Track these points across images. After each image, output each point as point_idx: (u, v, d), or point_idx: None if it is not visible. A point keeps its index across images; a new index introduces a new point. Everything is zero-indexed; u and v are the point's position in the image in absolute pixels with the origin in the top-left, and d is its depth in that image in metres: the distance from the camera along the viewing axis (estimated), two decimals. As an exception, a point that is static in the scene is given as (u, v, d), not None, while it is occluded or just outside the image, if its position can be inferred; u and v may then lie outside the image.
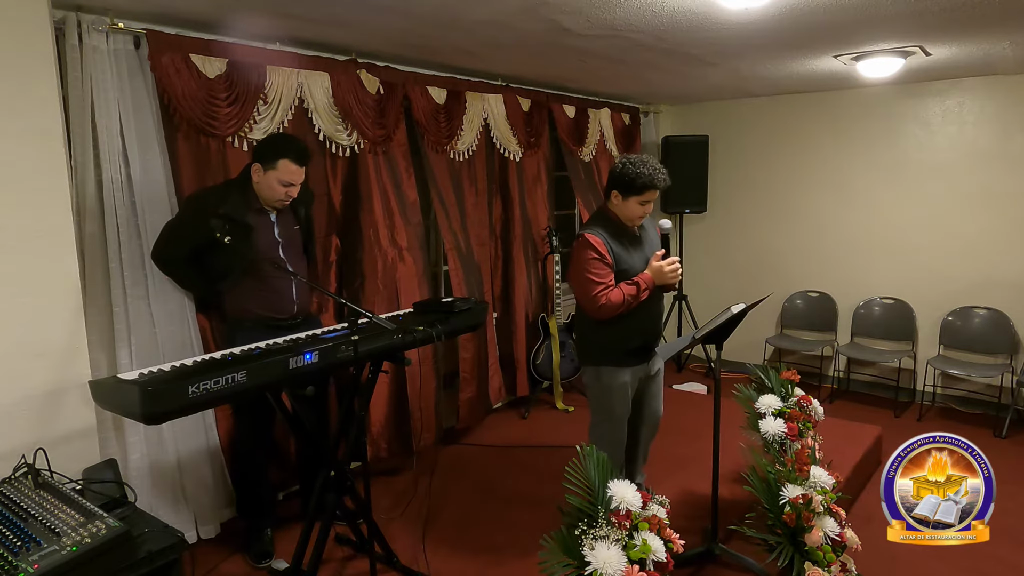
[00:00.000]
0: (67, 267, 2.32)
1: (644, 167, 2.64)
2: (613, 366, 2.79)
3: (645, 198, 2.69)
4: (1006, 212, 4.57)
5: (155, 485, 2.85)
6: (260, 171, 2.65)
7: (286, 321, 2.82)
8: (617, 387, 2.80)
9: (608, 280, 2.66)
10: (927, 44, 3.53)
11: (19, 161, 2.18)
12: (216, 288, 2.76)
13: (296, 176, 2.67)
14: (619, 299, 2.63)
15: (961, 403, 4.85)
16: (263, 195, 2.70)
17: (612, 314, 2.64)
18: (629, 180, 2.65)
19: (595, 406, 2.91)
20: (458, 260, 4.14)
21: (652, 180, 2.64)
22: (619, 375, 2.80)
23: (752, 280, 5.59)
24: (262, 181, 2.66)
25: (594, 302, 2.64)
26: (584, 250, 2.68)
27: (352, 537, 2.90)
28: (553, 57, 3.71)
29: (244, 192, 2.70)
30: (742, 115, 5.58)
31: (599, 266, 2.65)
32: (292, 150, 2.64)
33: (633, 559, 1.97)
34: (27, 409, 2.22)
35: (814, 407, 3.03)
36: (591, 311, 2.68)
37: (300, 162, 2.66)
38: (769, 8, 2.77)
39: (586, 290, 2.66)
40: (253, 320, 2.76)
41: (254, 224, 2.70)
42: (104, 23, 2.56)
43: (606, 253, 2.67)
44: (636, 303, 2.67)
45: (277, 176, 2.63)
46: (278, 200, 2.71)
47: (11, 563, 1.60)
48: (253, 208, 2.71)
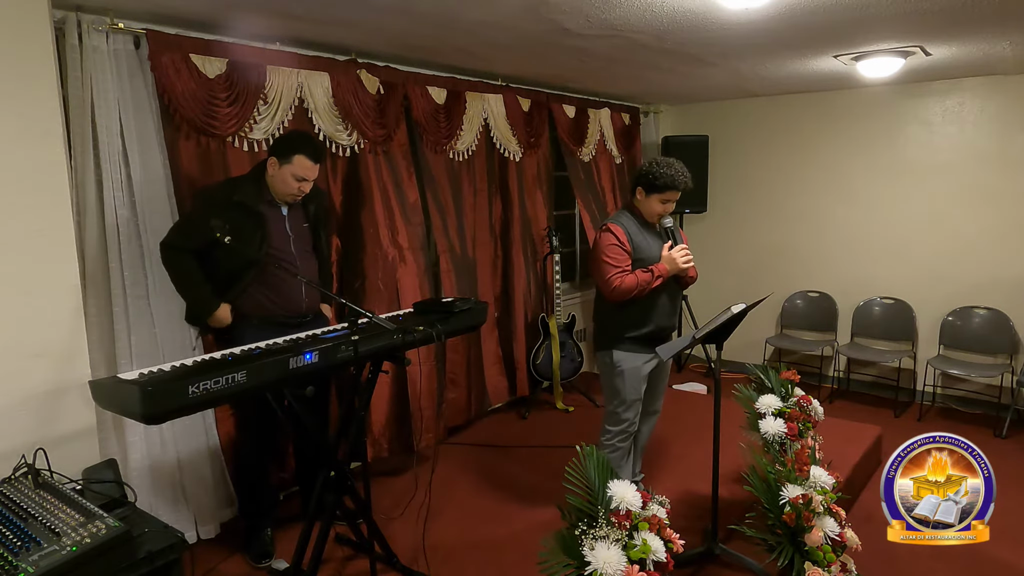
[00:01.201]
0: (67, 267, 2.32)
1: (668, 168, 2.82)
2: (625, 351, 2.93)
3: (666, 197, 2.86)
4: (1006, 212, 4.57)
5: (155, 485, 2.85)
6: (276, 165, 2.71)
7: (295, 319, 2.83)
8: (630, 371, 2.93)
9: (624, 265, 2.84)
10: (927, 44, 3.53)
11: (19, 161, 2.18)
12: (227, 284, 2.74)
13: (310, 172, 2.72)
14: (632, 282, 2.80)
15: (961, 403, 4.85)
16: (276, 188, 2.74)
17: (625, 296, 2.81)
18: (652, 179, 2.84)
19: (609, 391, 3.02)
20: (451, 262, 4.14)
21: (673, 181, 2.82)
22: (630, 359, 2.93)
23: (752, 280, 5.59)
24: (276, 175, 2.71)
25: (609, 284, 2.82)
26: (605, 236, 2.89)
27: (352, 537, 2.90)
28: (553, 57, 3.71)
29: (257, 184, 2.75)
30: (742, 115, 5.58)
31: (617, 251, 2.84)
32: (308, 147, 2.71)
33: (633, 559, 1.96)
34: (27, 409, 2.22)
35: (814, 407, 3.03)
36: (606, 292, 2.86)
37: (315, 159, 2.72)
38: (769, 8, 2.77)
39: (602, 271, 2.85)
40: (261, 318, 2.76)
41: (266, 215, 2.74)
42: (104, 23, 2.57)
43: (625, 241, 2.86)
44: (649, 288, 2.83)
45: (291, 170, 2.68)
46: (290, 194, 2.75)
47: (11, 563, 1.60)
48: (265, 200, 2.75)
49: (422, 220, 3.94)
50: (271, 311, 2.78)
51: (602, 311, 3.03)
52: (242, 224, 2.63)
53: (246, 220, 2.66)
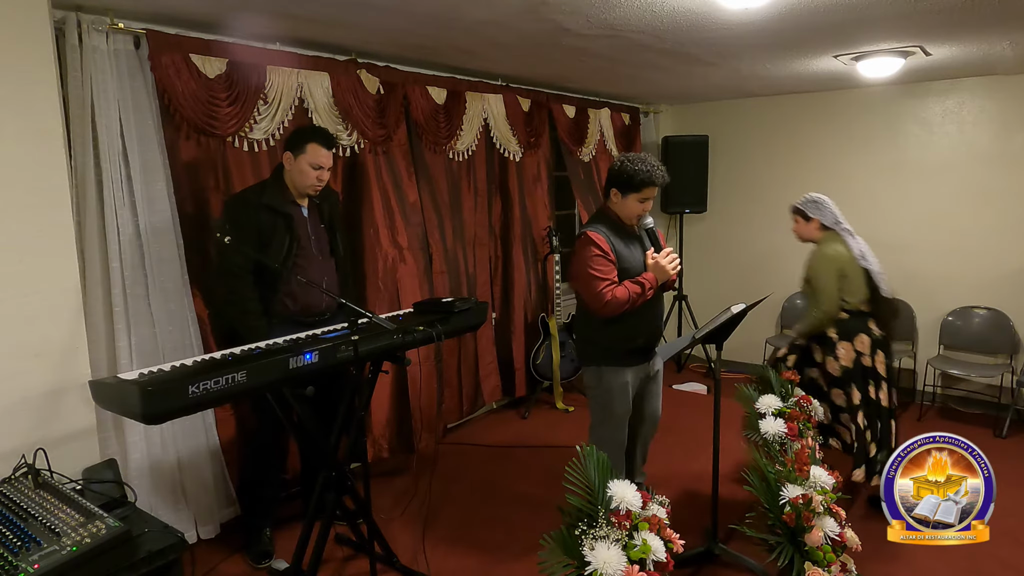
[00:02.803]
0: (67, 267, 2.32)
1: (642, 164, 2.65)
2: (615, 366, 2.79)
3: (644, 195, 2.69)
4: (1006, 212, 4.57)
5: (155, 485, 2.85)
6: (291, 159, 2.76)
7: (315, 317, 2.85)
8: (618, 387, 2.80)
9: (612, 276, 2.65)
10: (927, 44, 3.53)
11: (19, 161, 2.18)
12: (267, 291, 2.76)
13: (324, 159, 2.77)
14: (624, 296, 2.61)
15: (961, 403, 4.85)
16: (296, 182, 2.79)
17: (617, 311, 2.62)
18: (628, 177, 2.66)
19: (596, 407, 2.90)
20: (450, 262, 4.14)
21: (651, 177, 2.65)
22: (621, 375, 2.80)
23: (752, 280, 5.58)
24: (293, 168, 2.77)
25: (599, 299, 2.61)
26: (587, 247, 2.68)
27: (352, 537, 2.90)
28: (553, 57, 3.71)
29: (279, 186, 2.81)
30: (742, 115, 5.58)
31: (603, 262, 2.64)
32: (318, 134, 2.79)
33: (633, 559, 1.96)
34: (27, 409, 2.22)
35: (814, 407, 3.03)
36: (596, 308, 2.66)
37: (327, 145, 2.78)
38: (769, 8, 2.77)
39: (591, 287, 2.64)
40: (282, 317, 2.79)
41: (292, 215, 2.80)
42: (104, 23, 2.56)
43: (608, 250, 2.67)
44: (641, 302, 2.66)
45: (307, 160, 2.74)
46: (310, 185, 2.79)
47: (11, 563, 1.60)
48: (288, 200, 2.81)
49: (422, 220, 3.94)
50: (292, 310, 2.82)
51: (587, 325, 2.86)
52: (273, 225, 2.72)
53: (276, 221, 2.74)
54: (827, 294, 3.17)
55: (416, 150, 3.91)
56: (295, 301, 2.81)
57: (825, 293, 3.17)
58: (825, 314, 3.19)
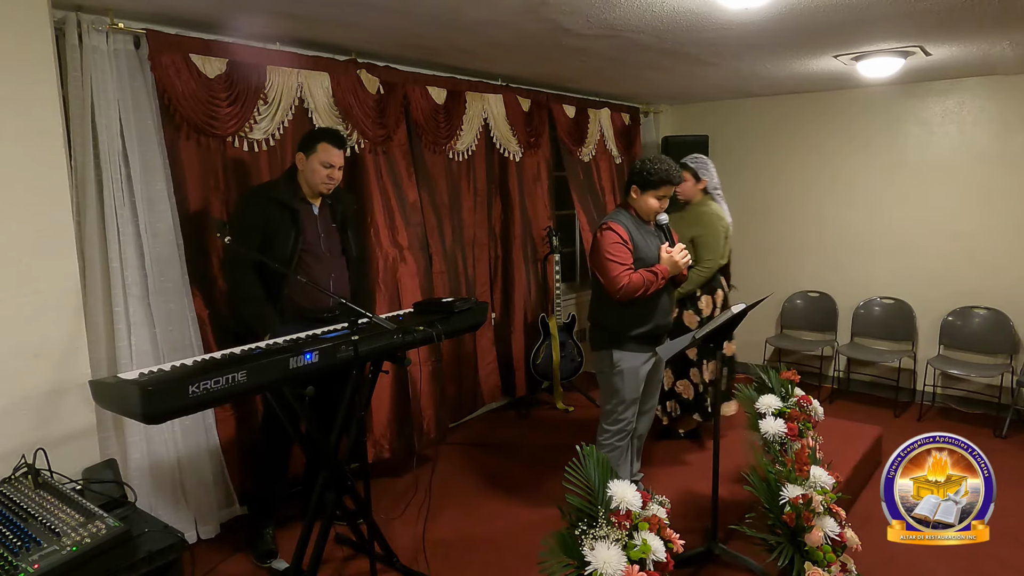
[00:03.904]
0: (67, 267, 2.32)
1: (661, 164, 2.88)
2: (628, 350, 2.94)
3: (661, 193, 2.90)
4: (1006, 212, 4.57)
5: (155, 485, 2.85)
6: (303, 159, 2.82)
7: (323, 314, 2.86)
8: (629, 370, 2.93)
9: (629, 262, 2.85)
10: (927, 44, 3.53)
11: (19, 161, 2.18)
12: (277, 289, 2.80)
13: (336, 158, 2.82)
14: (639, 281, 2.81)
15: (961, 403, 4.85)
16: (309, 181, 2.84)
17: (632, 295, 2.82)
18: (647, 175, 2.88)
19: (607, 391, 3.02)
20: (444, 263, 4.14)
21: (668, 176, 2.87)
22: (631, 359, 2.93)
23: (752, 280, 5.58)
24: (305, 168, 2.82)
25: (616, 282, 2.82)
26: (606, 234, 2.90)
27: (352, 537, 2.90)
28: (553, 57, 3.71)
29: (291, 184, 2.86)
30: (742, 115, 5.58)
31: (621, 249, 2.85)
32: (329, 135, 2.85)
33: (633, 559, 1.96)
34: (27, 409, 2.22)
35: (814, 407, 3.03)
36: (612, 291, 2.85)
37: (338, 145, 2.83)
38: (769, 8, 2.77)
39: (608, 271, 2.85)
40: (292, 310, 2.82)
41: (300, 211, 2.83)
42: (104, 23, 2.56)
43: (627, 239, 2.87)
44: (654, 288, 2.85)
45: (318, 158, 2.79)
46: (322, 183, 2.83)
47: (11, 563, 1.60)
48: (298, 198, 2.85)
49: (422, 220, 3.94)
50: (300, 306, 2.84)
51: (602, 310, 3.03)
52: (279, 219, 2.76)
53: (283, 215, 2.77)
54: (718, 250, 3.58)
55: (416, 150, 3.91)
56: (304, 295, 2.83)
57: (716, 249, 3.58)
58: (716, 266, 3.59)
